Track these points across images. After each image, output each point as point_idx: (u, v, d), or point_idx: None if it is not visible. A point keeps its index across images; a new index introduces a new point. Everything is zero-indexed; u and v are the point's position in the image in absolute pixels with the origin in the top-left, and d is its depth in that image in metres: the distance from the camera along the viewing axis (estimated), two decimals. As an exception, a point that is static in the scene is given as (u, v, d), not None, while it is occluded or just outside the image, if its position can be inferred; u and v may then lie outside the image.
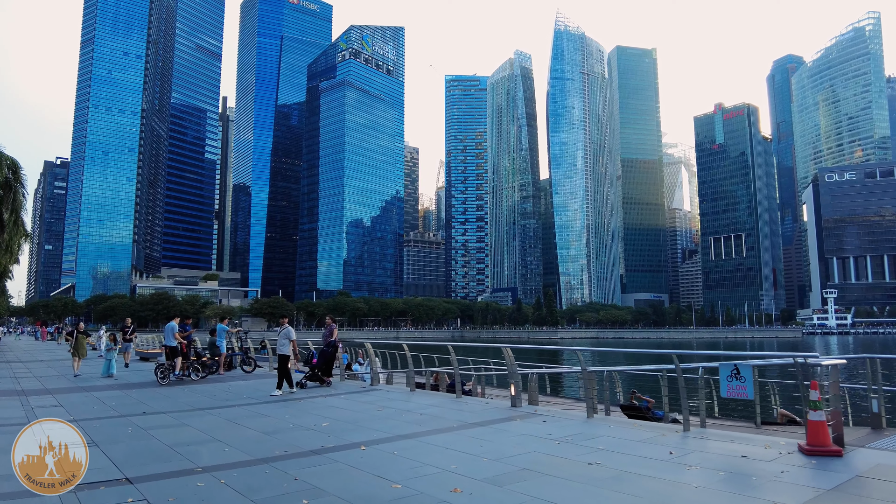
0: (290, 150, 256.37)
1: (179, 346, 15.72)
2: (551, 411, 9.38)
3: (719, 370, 7.19)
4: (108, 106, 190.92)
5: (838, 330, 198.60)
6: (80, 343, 18.85)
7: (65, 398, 12.50)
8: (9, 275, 45.33)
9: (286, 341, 12.91)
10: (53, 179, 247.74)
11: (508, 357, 9.66)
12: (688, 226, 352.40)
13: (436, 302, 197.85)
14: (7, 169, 29.33)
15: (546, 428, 7.93)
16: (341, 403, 11.00)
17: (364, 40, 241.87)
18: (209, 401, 11.85)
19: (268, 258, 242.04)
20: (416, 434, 7.65)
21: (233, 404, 11.19)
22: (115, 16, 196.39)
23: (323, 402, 11.22)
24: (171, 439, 7.65)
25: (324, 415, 9.53)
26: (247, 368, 18.37)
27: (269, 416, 9.60)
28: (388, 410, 9.77)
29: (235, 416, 9.70)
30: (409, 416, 9.21)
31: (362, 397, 11.74)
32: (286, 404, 10.97)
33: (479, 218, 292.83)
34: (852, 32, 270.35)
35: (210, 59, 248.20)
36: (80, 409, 10.84)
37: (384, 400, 11.18)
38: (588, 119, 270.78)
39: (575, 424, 8.23)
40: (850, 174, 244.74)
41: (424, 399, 11.33)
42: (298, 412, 9.91)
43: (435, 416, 9.15)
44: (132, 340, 21.98)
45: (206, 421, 9.28)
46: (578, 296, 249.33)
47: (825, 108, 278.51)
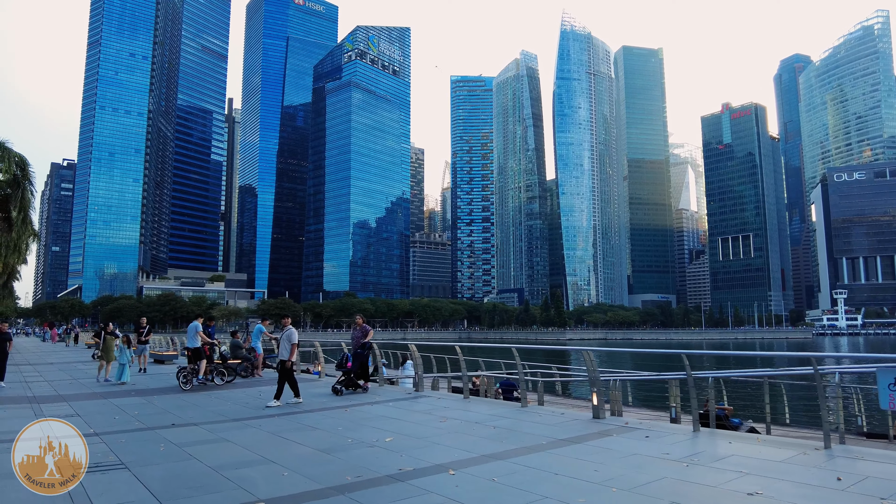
0: (296, 151, 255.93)
1: (203, 349, 14.56)
2: (643, 423, 8.15)
3: (877, 377, 5.94)
4: (114, 107, 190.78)
5: (848, 331, 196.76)
6: (109, 346, 17.14)
7: (81, 406, 11.34)
8: (16, 276, 44.43)
9: (288, 345, 11.56)
10: (60, 181, 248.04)
11: (590, 361, 8.43)
12: (695, 226, 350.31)
13: (443, 303, 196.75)
14: (15, 166, 28.34)
15: (654, 445, 6.71)
16: (393, 412, 9.80)
17: (370, 41, 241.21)
18: (242, 410, 10.68)
19: (274, 259, 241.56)
20: (504, 454, 6.43)
21: (270, 414, 9.99)
22: (121, 17, 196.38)
23: (371, 412, 10.02)
24: (215, 460, 6.45)
25: (381, 427, 8.31)
26: None
27: (317, 428, 8.41)
28: (452, 422, 8.56)
29: (278, 428, 8.50)
30: (481, 429, 7.97)
31: (413, 405, 10.53)
32: (331, 414, 9.78)
33: (484, 219, 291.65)
34: (861, 31, 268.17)
35: (216, 60, 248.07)
36: (100, 419, 9.68)
37: (439, 409, 9.98)
38: (594, 119, 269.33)
39: (684, 440, 7.00)
40: (859, 174, 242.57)
41: (484, 408, 10.11)
42: (351, 424, 8.71)
43: (510, 429, 7.92)
44: (148, 342, 20.16)
45: (247, 435, 8.08)
46: (585, 297, 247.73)
47: (833, 107, 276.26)
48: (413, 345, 12.82)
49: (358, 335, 13.34)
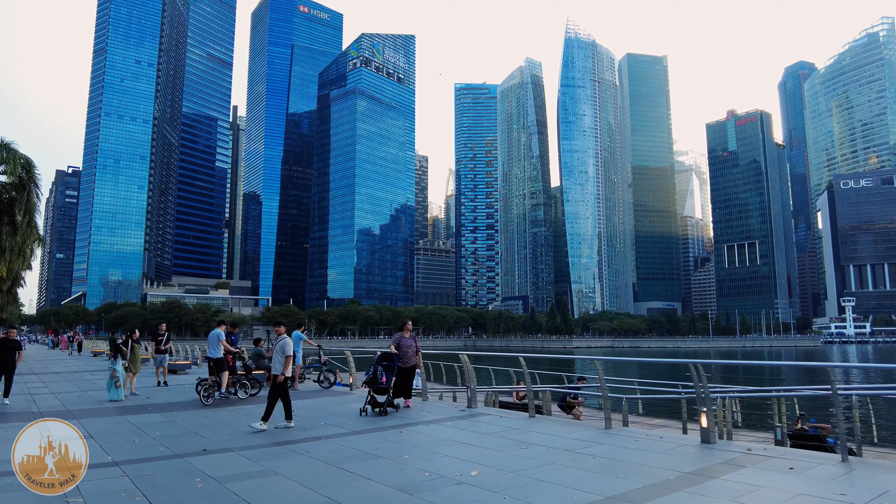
0: (300, 159, 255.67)
1: (225, 359, 13.26)
2: (768, 449, 6.82)
3: None
4: (120, 114, 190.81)
5: (857, 339, 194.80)
6: (137, 355, 15.55)
7: (94, 425, 9.98)
8: (21, 282, 43.27)
9: (282, 358, 9.78)
10: (65, 188, 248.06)
11: (698, 376, 7.14)
12: (700, 233, 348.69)
13: (448, 310, 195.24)
14: (21, 168, 27.22)
15: (810, 481, 5.40)
16: (458, 436, 8.48)
17: (375, 48, 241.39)
18: (279, 431, 9.33)
19: (278, 266, 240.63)
20: (635, 496, 5.09)
21: (315, 436, 8.66)
22: (127, 25, 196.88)
23: (432, 434, 8.70)
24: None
25: (455, 455, 7.00)
26: (324, 384, 15.99)
27: (379, 456, 7.08)
28: (537, 449, 7.23)
29: (332, 455, 7.17)
30: (579, 458, 6.62)
31: (474, 426, 9.21)
32: (386, 437, 8.45)
33: (489, 226, 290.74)
34: (866, 38, 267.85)
35: (221, 67, 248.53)
36: (118, 443, 8.31)
37: (508, 430, 8.66)
38: (599, 126, 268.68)
39: (841, 472, 5.69)
40: (865, 181, 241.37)
41: (560, 429, 8.79)
42: (416, 451, 7.41)
43: (614, 458, 6.56)
44: (167, 352, 17.96)
45: (298, 466, 6.71)
46: (590, 304, 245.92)
47: (839, 114, 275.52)
48: (465, 355, 11.43)
49: (407, 344, 11.89)
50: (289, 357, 9.74)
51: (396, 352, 11.65)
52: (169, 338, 18.68)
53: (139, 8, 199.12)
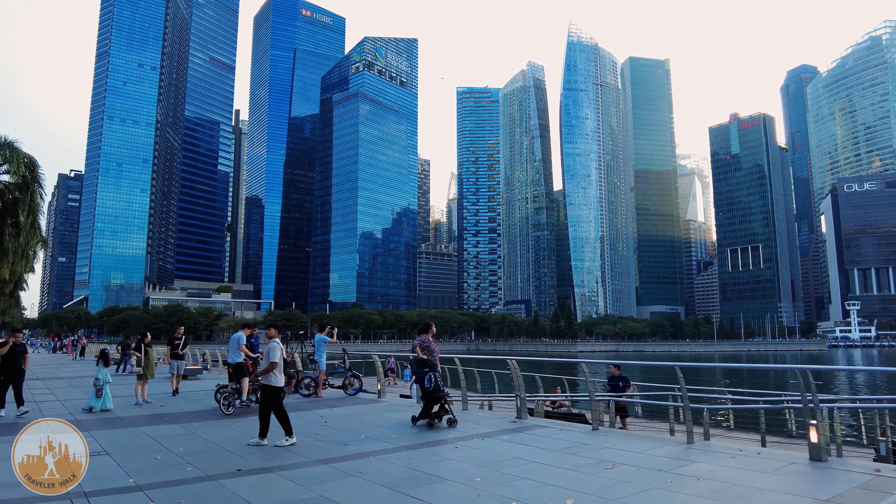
0: (303, 163, 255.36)
1: (245, 364, 12.36)
2: (883, 467, 5.96)
3: None
4: (122, 117, 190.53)
5: (862, 343, 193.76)
6: (152, 360, 14.29)
7: (108, 438, 9.12)
8: (24, 285, 42.46)
9: (267, 363, 8.69)
10: (67, 192, 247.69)
11: (806, 384, 6.27)
12: (702, 237, 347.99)
13: (451, 314, 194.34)
14: (24, 167, 26.46)
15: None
16: (523, 453, 7.48)
17: (378, 52, 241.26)
18: (315, 445, 8.43)
19: (280, 270, 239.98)
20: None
21: (360, 452, 7.81)
22: (130, 28, 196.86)
23: (495, 450, 7.70)
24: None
25: (534, 478, 6.04)
26: (350, 390, 15.04)
27: (446, 478, 6.15)
28: (624, 469, 6.34)
29: (390, 478, 6.26)
30: (682, 482, 5.72)
31: (536, 440, 8.32)
32: (444, 454, 7.54)
33: (491, 230, 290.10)
34: (868, 41, 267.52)
35: (223, 71, 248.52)
36: (138, 460, 7.39)
37: (577, 445, 7.80)
38: (601, 130, 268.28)
39: None
40: (869, 184, 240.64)
41: (634, 443, 7.91)
42: (487, 472, 6.36)
43: (723, 481, 5.63)
44: (184, 357, 16.37)
45: (354, 491, 5.78)
46: (593, 308, 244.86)
47: (841, 117, 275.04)
48: (513, 360, 10.48)
49: (435, 346, 11.01)
50: (272, 363, 8.59)
51: (427, 356, 10.78)
52: (187, 342, 17.01)
53: (142, 11, 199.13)
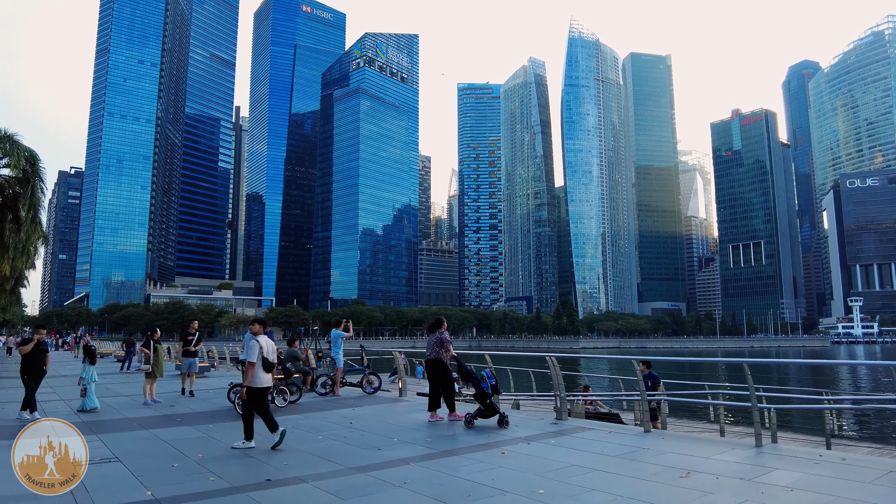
0: (303, 159, 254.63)
1: None
2: None
3: None
4: (123, 114, 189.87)
5: (864, 339, 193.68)
6: (161, 357, 13.53)
7: (117, 441, 8.48)
8: (24, 282, 41.98)
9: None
10: (67, 189, 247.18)
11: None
12: (704, 233, 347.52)
13: (453, 311, 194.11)
14: (25, 161, 25.95)
15: None
16: (578, 458, 6.89)
17: (378, 48, 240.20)
18: (347, 450, 7.76)
19: (281, 267, 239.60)
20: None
21: (397, 458, 7.15)
22: (130, 25, 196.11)
23: (544, 456, 7.08)
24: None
25: (602, 489, 5.54)
26: (368, 389, 14.50)
27: (505, 490, 5.56)
28: (700, 477, 5.82)
29: (440, 489, 5.66)
30: (777, 494, 5.11)
31: (587, 444, 7.71)
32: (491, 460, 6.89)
33: (492, 226, 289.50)
34: (871, 37, 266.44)
35: (224, 68, 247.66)
36: (154, 468, 6.75)
37: (635, 451, 7.31)
38: (603, 126, 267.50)
39: None
40: (872, 180, 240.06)
41: (695, 447, 7.42)
42: (543, 482, 5.82)
43: (830, 494, 5.08)
44: (197, 354, 15.33)
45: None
46: (595, 305, 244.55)
47: (844, 113, 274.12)
48: (552, 358, 9.79)
49: None
50: (250, 364, 8.10)
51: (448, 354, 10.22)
52: (200, 338, 15.89)
53: (142, 8, 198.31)
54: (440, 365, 10.10)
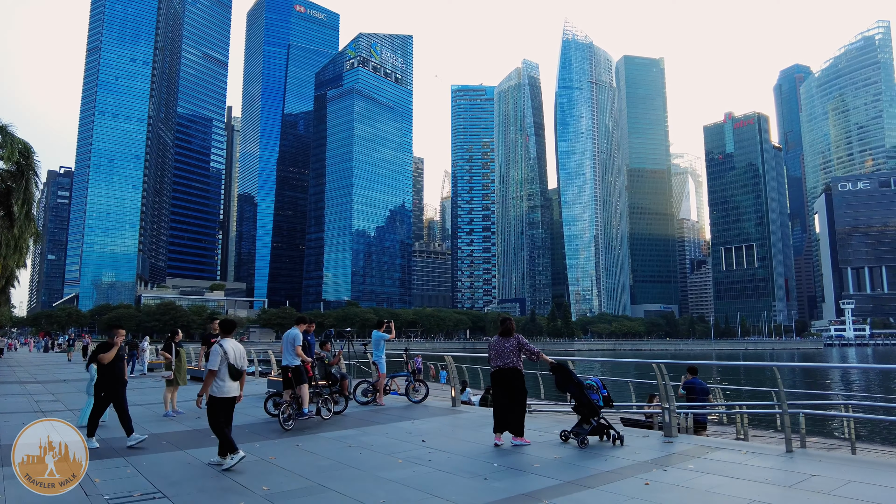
0: (296, 160, 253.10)
1: (305, 367, 10.29)
2: None
3: None
4: (114, 112, 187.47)
5: (856, 341, 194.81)
6: (183, 362, 12.16)
7: (150, 465, 7.10)
8: (15, 281, 40.76)
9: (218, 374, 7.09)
10: (57, 189, 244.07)
11: None
12: (696, 236, 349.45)
13: (446, 313, 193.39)
14: (19, 154, 24.86)
15: None
16: (741, 490, 5.68)
17: (372, 48, 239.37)
18: (445, 479, 6.35)
19: (274, 268, 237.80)
20: None
21: (520, 494, 5.72)
22: (122, 23, 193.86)
23: (690, 486, 5.91)
24: None
25: None
26: (415, 397, 13.15)
27: None
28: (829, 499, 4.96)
29: None
30: None
31: (729, 468, 6.59)
32: (626, 492, 5.68)
33: (485, 228, 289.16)
34: (861, 41, 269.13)
35: (216, 67, 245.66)
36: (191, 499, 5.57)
37: (799, 478, 6.10)
38: (596, 128, 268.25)
39: None
40: (863, 183, 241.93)
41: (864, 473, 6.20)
42: None
43: None
44: None
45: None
46: (588, 307, 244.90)
47: (834, 117, 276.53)
48: (659, 364, 8.48)
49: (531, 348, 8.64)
50: (211, 372, 7.01)
51: None
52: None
53: (134, 6, 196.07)
54: (519, 376, 8.33)
